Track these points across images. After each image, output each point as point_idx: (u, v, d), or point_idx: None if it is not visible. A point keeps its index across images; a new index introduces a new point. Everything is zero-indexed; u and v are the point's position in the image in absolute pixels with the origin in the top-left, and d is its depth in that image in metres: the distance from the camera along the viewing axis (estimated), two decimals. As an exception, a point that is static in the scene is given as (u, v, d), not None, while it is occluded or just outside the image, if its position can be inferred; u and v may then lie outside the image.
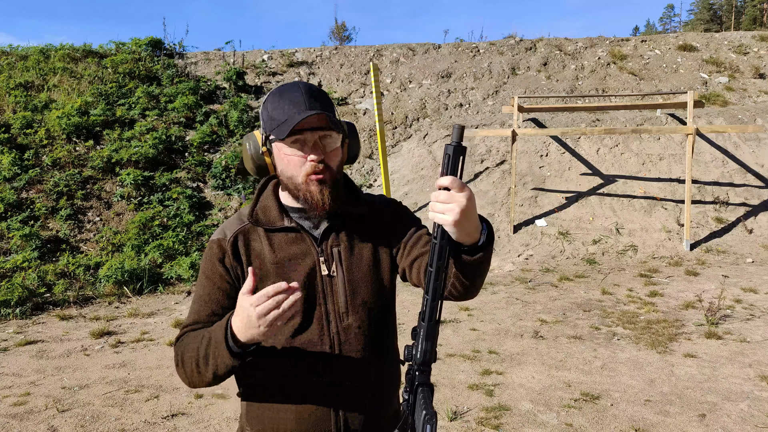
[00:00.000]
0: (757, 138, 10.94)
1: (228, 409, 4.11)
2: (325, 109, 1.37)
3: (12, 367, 5.06)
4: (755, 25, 43.74)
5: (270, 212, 1.45)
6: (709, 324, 5.72)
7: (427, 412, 1.09)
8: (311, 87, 1.40)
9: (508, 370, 4.73)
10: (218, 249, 1.43)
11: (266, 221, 1.44)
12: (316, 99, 1.37)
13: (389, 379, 1.51)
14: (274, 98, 1.39)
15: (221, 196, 10.12)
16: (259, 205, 1.48)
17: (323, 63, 13.57)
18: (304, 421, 1.40)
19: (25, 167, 9.58)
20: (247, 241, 1.43)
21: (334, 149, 1.39)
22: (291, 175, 1.38)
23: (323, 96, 1.41)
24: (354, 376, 1.41)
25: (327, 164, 1.37)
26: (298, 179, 1.37)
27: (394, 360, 1.52)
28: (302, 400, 1.40)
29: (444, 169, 1.15)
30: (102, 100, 11.34)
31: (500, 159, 10.93)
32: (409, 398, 1.19)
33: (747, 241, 9.16)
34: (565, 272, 8.17)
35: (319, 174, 1.36)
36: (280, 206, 1.46)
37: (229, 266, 1.42)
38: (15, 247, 8.20)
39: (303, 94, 1.37)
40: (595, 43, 14.18)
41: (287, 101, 1.36)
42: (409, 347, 1.20)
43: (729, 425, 3.74)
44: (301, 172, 1.36)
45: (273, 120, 1.37)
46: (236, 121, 11.35)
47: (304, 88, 1.39)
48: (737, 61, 13.55)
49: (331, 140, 1.38)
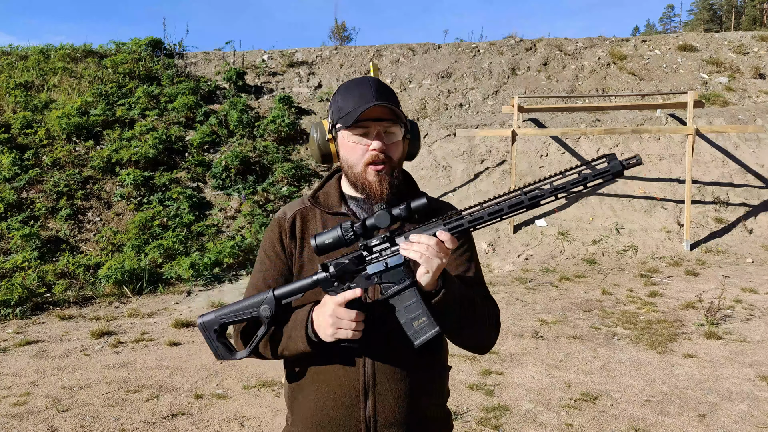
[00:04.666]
0: (757, 138, 10.94)
1: (228, 409, 4.11)
2: (393, 103, 1.43)
3: (12, 367, 5.05)
4: (755, 25, 43.73)
5: (330, 197, 1.54)
6: (709, 324, 5.72)
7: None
8: (380, 82, 1.47)
9: (508, 370, 4.73)
10: (277, 228, 1.53)
11: (325, 204, 1.53)
12: (383, 93, 1.44)
13: (432, 384, 1.49)
14: (345, 90, 1.48)
15: (221, 196, 10.12)
16: (322, 189, 1.58)
17: (323, 63, 13.57)
18: (337, 408, 1.43)
19: (25, 167, 9.58)
20: (304, 221, 1.52)
21: (396, 142, 1.45)
22: (352, 163, 1.45)
23: (390, 91, 1.47)
24: (393, 375, 1.42)
25: (388, 155, 1.43)
26: (358, 168, 1.44)
27: (441, 365, 1.52)
28: (338, 392, 1.42)
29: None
30: (102, 100, 11.34)
31: (500, 159, 10.93)
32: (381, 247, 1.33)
33: (747, 241, 9.16)
34: (565, 272, 8.17)
35: (379, 164, 1.42)
36: (341, 194, 1.54)
37: (286, 245, 1.51)
38: (15, 247, 8.20)
39: (371, 87, 1.44)
40: (595, 43, 14.18)
41: (356, 93, 1.44)
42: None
43: (729, 425, 3.74)
44: (362, 160, 1.43)
45: (341, 110, 1.45)
46: (236, 121, 11.35)
47: (373, 82, 1.46)
48: (737, 61, 13.55)
49: (393, 133, 1.44)
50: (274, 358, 1.47)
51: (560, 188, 1.25)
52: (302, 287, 1.40)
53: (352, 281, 1.34)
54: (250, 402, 4.24)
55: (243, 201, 9.94)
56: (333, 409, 1.43)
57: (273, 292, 1.40)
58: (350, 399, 1.41)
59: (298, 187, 10.58)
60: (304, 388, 1.48)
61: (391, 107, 1.41)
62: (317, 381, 1.45)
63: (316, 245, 1.33)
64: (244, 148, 10.88)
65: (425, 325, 1.29)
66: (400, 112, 1.43)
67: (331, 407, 1.43)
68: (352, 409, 1.42)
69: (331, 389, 1.43)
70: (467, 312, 1.39)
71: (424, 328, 1.29)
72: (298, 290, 1.40)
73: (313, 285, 1.38)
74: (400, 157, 1.47)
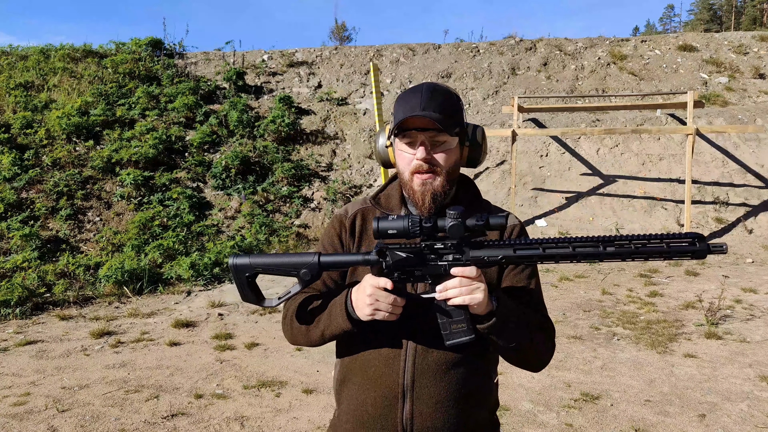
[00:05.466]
0: (757, 138, 10.94)
1: (228, 409, 4.11)
2: (442, 110, 1.40)
3: (12, 367, 5.05)
4: (755, 25, 43.74)
5: (391, 199, 1.56)
6: (709, 324, 5.72)
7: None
8: (435, 88, 1.44)
9: (508, 370, 4.73)
10: (338, 224, 1.57)
11: (386, 206, 1.56)
12: (435, 100, 1.41)
13: (474, 392, 1.46)
14: (401, 97, 1.47)
15: (221, 196, 10.12)
16: (384, 191, 1.60)
17: (323, 63, 13.57)
18: (376, 407, 1.43)
19: (25, 167, 9.58)
20: (364, 220, 1.55)
21: (445, 150, 1.43)
22: (401, 171, 1.48)
23: (444, 98, 1.43)
24: (432, 379, 1.41)
25: (435, 164, 1.42)
26: (406, 176, 1.46)
27: (485, 373, 1.50)
28: (378, 390, 1.43)
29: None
30: (102, 100, 11.34)
31: (500, 159, 10.92)
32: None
33: (747, 241, 9.16)
34: (565, 272, 8.17)
35: (424, 174, 1.42)
36: (402, 197, 1.55)
37: (345, 241, 1.55)
38: (15, 247, 8.20)
39: (423, 94, 1.42)
40: (595, 43, 14.17)
41: (408, 100, 1.43)
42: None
43: (729, 425, 3.74)
44: (409, 168, 1.44)
45: (394, 117, 1.46)
46: (236, 121, 11.35)
47: (427, 89, 1.43)
48: (737, 61, 13.55)
49: (442, 141, 1.42)
50: (319, 342, 1.48)
51: (639, 253, 1.24)
52: (349, 261, 1.39)
53: (404, 273, 1.33)
54: (250, 402, 4.24)
55: (243, 201, 9.94)
56: (372, 407, 1.43)
57: (319, 258, 1.39)
58: (389, 399, 1.42)
59: (298, 187, 10.59)
60: (348, 382, 1.50)
61: (438, 115, 1.38)
62: (360, 377, 1.46)
63: (377, 228, 1.31)
64: (244, 148, 10.88)
65: (462, 330, 1.30)
66: (449, 121, 1.41)
67: (371, 405, 1.44)
68: (390, 409, 1.42)
69: (372, 387, 1.43)
70: (521, 336, 1.38)
71: (461, 332, 1.30)
72: (344, 263, 1.40)
73: (361, 262, 1.37)
74: (452, 165, 1.45)
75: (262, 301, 1.46)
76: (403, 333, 1.42)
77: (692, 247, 1.21)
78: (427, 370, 1.41)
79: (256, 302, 1.46)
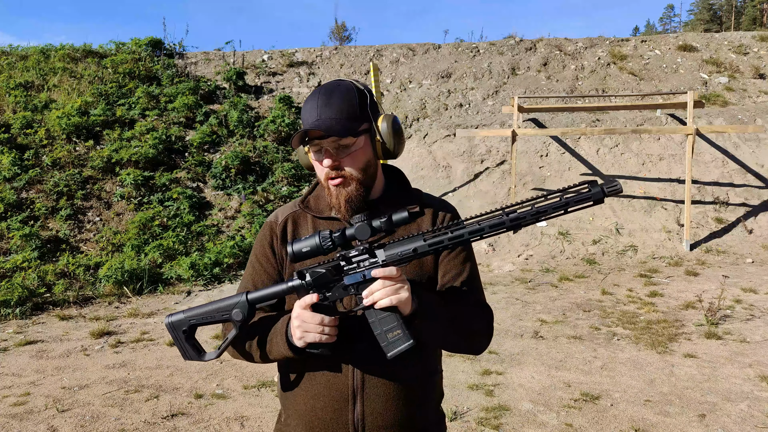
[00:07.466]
0: (757, 138, 10.94)
1: (228, 409, 4.11)
2: (339, 113, 1.38)
3: (12, 367, 5.05)
4: (755, 25, 43.74)
5: (321, 201, 1.53)
6: (709, 324, 5.72)
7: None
8: (330, 91, 1.41)
9: (508, 370, 4.73)
10: (269, 232, 1.53)
11: (315, 209, 1.53)
12: (331, 106, 1.38)
13: (422, 387, 1.48)
14: (304, 102, 1.44)
15: (221, 196, 10.12)
16: (313, 193, 1.57)
17: (323, 63, 13.57)
18: (326, 410, 1.43)
19: (25, 167, 9.58)
20: (295, 225, 1.52)
21: (352, 153, 1.40)
22: (319, 177, 1.46)
23: (342, 99, 1.40)
24: (381, 379, 1.41)
25: (345, 168, 1.40)
26: (323, 182, 1.45)
27: (430, 369, 1.50)
28: (327, 394, 1.42)
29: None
30: (102, 100, 11.34)
31: (500, 159, 10.93)
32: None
33: (747, 241, 9.16)
34: (565, 272, 8.17)
35: (335, 179, 1.40)
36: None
37: (276, 249, 1.51)
38: (15, 247, 8.20)
39: (319, 101, 1.39)
40: (595, 43, 14.17)
41: (307, 109, 1.42)
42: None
43: (729, 425, 3.74)
44: (323, 175, 1.43)
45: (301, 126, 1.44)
46: (236, 121, 11.35)
47: (323, 93, 1.41)
48: (737, 61, 13.55)
49: (346, 145, 1.39)
50: (264, 361, 1.46)
51: (542, 212, 1.24)
52: (276, 293, 1.38)
53: (328, 290, 1.33)
54: (250, 402, 4.24)
55: (243, 201, 9.94)
56: (322, 411, 1.43)
57: (246, 296, 1.39)
58: (339, 402, 1.41)
59: (298, 187, 10.58)
60: (295, 388, 1.48)
61: (334, 121, 1.36)
62: (308, 382, 1.45)
63: (292, 252, 1.32)
64: (244, 148, 10.88)
65: (399, 338, 1.29)
66: (348, 123, 1.37)
67: (320, 409, 1.43)
68: (341, 412, 1.41)
69: (321, 391, 1.43)
70: (448, 328, 1.38)
71: (398, 340, 1.29)
72: (272, 296, 1.38)
73: (288, 291, 1.37)
74: (364, 166, 1.42)
75: (203, 356, 1.46)
76: (345, 351, 1.40)
77: (588, 193, 1.21)
78: (377, 369, 1.41)
79: (197, 358, 1.45)
